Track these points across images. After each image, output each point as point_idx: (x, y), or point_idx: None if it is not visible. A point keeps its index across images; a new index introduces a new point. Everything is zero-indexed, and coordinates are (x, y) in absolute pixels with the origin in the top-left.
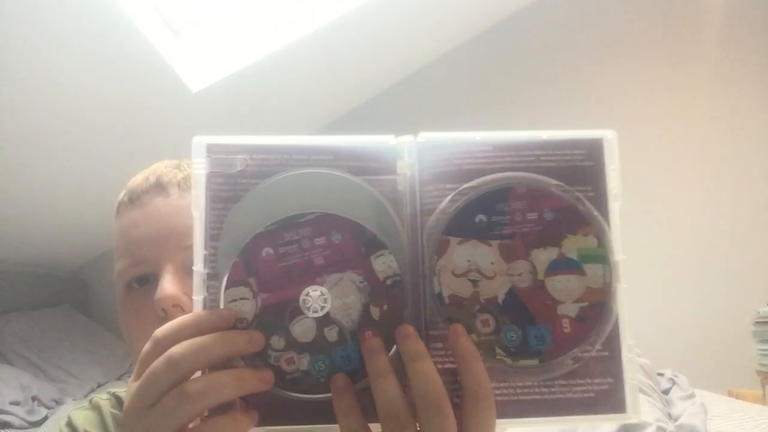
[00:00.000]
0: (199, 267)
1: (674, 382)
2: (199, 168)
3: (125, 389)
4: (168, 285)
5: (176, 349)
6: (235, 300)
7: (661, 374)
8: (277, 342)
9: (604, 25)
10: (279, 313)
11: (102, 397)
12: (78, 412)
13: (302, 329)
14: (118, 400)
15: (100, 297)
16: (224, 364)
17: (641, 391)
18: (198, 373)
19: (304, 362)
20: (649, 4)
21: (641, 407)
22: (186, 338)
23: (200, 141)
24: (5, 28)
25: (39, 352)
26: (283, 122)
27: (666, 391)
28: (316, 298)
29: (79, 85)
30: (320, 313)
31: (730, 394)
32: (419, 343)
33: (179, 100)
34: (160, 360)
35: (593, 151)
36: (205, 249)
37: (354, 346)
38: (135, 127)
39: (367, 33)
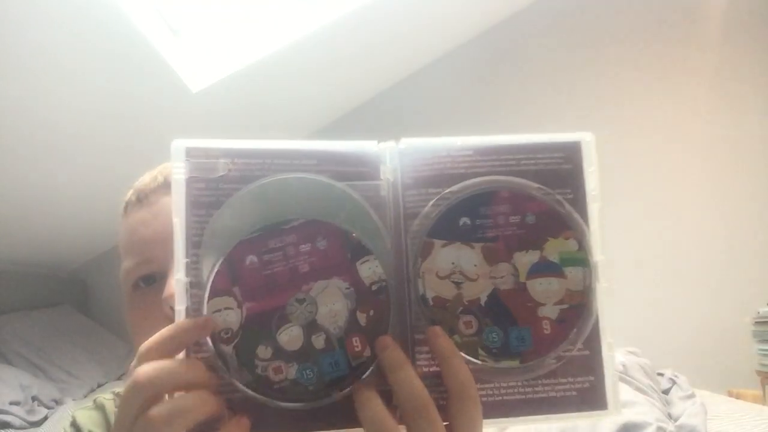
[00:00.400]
0: (180, 275)
1: (674, 382)
2: (178, 172)
3: (109, 395)
4: (174, 284)
5: (142, 371)
6: (219, 310)
7: (661, 374)
8: (264, 351)
9: (604, 25)
10: (265, 323)
11: (106, 397)
12: (82, 411)
13: (289, 338)
14: (99, 408)
15: (100, 297)
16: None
17: (641, 391)
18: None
19: (292, 371)
20: (649, 4)
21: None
22: (166, 353)
23: (179, 144)
24: (5, 28)
25: (39, 352)
26: (283, 122)
27: (666, 391)
28: (302, 306)
29: (79, 85)
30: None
31: (730, 394)
32: (398, 351)
33: (179, 100)
34: (129, 382)
35: (572, 153)
36: (187, 257)
37: (341, 352)
38: (135, 127)
39: (367, 33)
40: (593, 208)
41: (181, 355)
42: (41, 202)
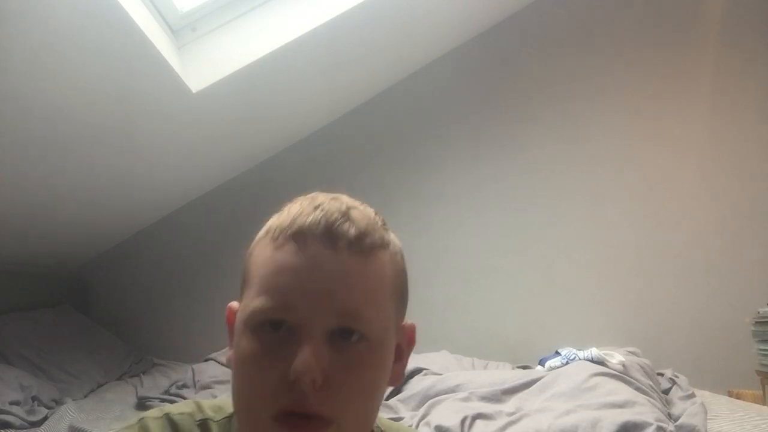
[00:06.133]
0: None
1: (674, 382)
2: None
3: (180, 410)
4: (310, 356)
5: None
6: None
7: (661, 374)
8: None
9: (603, 25)
10: None
11: (153, 416)
12: (155, 422)
13: None
14: (171, 425)
15: (100, 297)
16: None
17: (641, 391)
18: None
19: None
20: (649, 4)
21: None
22: None
23: None
24: (5, 28)
25: (39, 352)
26: (283, 122)
27: (666, 391)
28: None
29: (79, 85)
30: None
31: (730, 394)
32: None
33: (179, 100)
34: None
35: None
36: None
37: None
38: (135, 126)
39: (368, 32)
40: None
41: None
42: (41, 201)
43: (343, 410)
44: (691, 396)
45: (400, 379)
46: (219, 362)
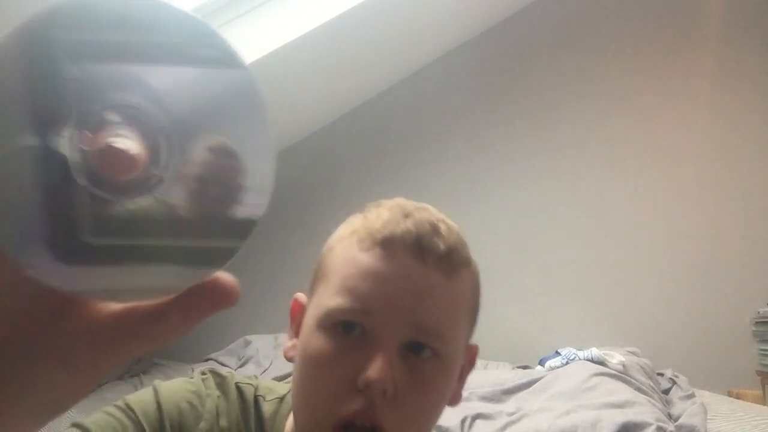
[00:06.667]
0: None
1: (674, 382)
2: None
3: (245, 381)
4: (386, 365)
5: None
6: None
7: (661, 374)
8: None
9: (604, 24)
10: None
11: (223, 374)
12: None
13: None
14: (238, 390)
15: None
16: None
17: (641, 391)
18: None
19: None
20: (649, 4)
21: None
22: None
23: None
24: (5, 28)
25: None
26: (283, 122)
27: (666, 391)
28: None
29: None
30: None
31: (730, 394)
32: None
33: None
34: None
35: None
36: None
37: None
38: None
39: (368, 32)
40: None
41: None
42: None
43: (405, 426)
44: (691, 396)
45: (458, 400)
46: (219, 362)
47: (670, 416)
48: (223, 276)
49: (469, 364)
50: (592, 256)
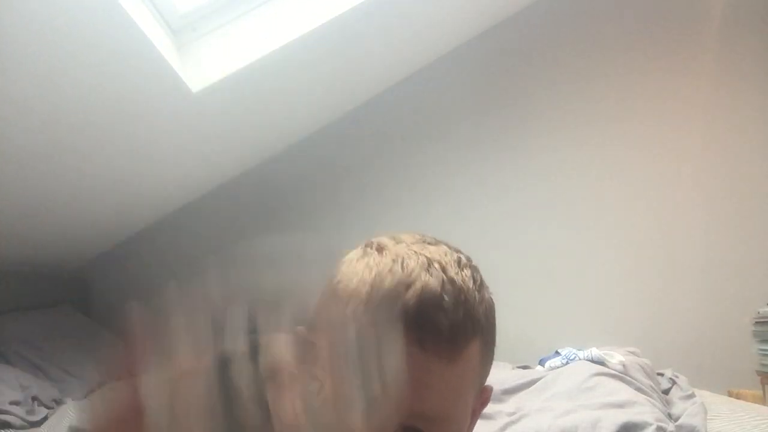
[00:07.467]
0: None
1: (674, 382)
2: None
3: None
4: None
5: None
6: None
7: (661, 374)
8: None
9: (604, 24)
10: None
11: None
12: None
13: None
14: None
15: (101, 297)
16: None
17: (641, 391)
18: None
19: None
20: (649, 4)
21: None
22: None
23: None
24: (5, 28)
25: (39, 352)
26: (283, 122)
27: (666, 391)
28: None
29: (79, 85)
30: None
31: (730, 394)
32: None
33: (179, 100)
34: None
35: None
36: None
37: None
38: (135, 126)
39: (368, 32)
40: None
41: None
42: (42, 202)
43: None
44: (691, 396)
45: None
46: None
47: (670, 416)
48: None
49: (482, 405)
50: (593, 257)
